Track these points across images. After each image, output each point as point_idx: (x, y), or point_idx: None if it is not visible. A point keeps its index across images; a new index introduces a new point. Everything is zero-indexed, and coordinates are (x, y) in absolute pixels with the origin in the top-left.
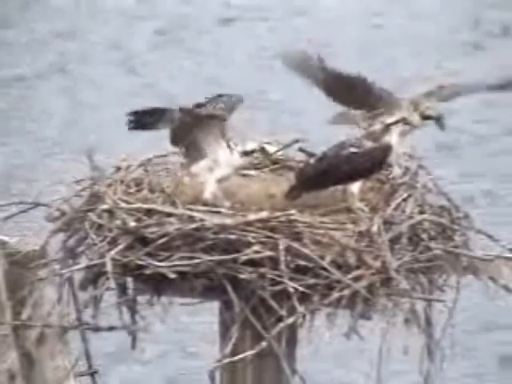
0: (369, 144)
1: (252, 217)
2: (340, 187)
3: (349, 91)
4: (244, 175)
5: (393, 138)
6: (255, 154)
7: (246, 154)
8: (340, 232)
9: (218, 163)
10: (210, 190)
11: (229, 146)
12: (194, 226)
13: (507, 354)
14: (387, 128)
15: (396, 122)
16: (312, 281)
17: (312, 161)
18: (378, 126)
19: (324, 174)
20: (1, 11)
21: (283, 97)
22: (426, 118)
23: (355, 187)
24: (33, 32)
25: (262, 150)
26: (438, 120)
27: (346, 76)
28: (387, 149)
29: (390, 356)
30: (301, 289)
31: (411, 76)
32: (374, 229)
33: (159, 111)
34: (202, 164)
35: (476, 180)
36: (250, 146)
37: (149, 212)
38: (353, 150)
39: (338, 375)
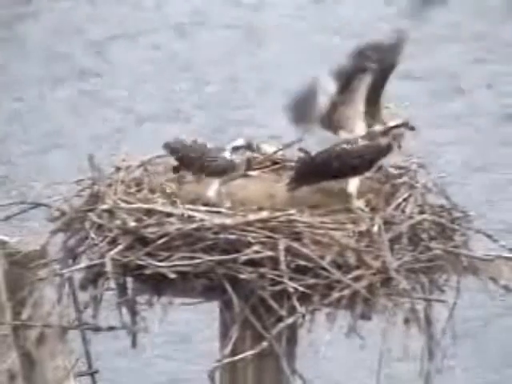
0: (362, 142)
1: (252, 217)
2: (337, 185)
3: None
4: (244, 175)
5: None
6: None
7: (234, 149)
8: (340, 232)
9: None
10: (213, 189)
11: None
12: (194, 225)
13: None
14: (388, 131)
15: (397, 126)
16: (312, 281)
17: (312, 155)
18: (378, 128)
19: (317, 168)
20: None
21: None
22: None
23: (353, 187)
24: None
25: (249, 147)
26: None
27: None
28: (380, 149)
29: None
30: (301, 289)
31: None
32: (374, 229)
33: None
34: None
35: None
36: (238, 141)
37: (149, 212)
38: (344, 146)
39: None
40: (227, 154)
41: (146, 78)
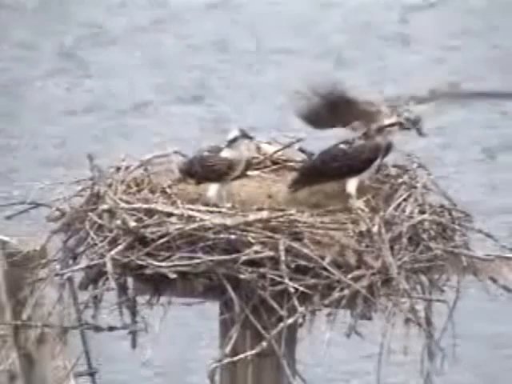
0: (359, 142)
1: (252, 217)
2: (337, 185)
3: (331, 113)
4: (244, 175)
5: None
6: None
7: (231, 142)
8: (340, 232)
9: None
10: (213, 189)
11: None
12: (194, 225)
13: None
14: (381, 130)
15: (391, 125)
16: (312, 281)
17: (314, 156)
18: (373, 127)
19: (318, 169)
20: None
21: None
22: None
23: (352, 187)
24: None
25: (244, 135)
26: (415, 124)
27: (327, 98)
28: (375, 148)
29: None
30: (301, 289)
31: None
32: (375, 229)
33: None
34: None
35: None
36: (232, 133)
37: (149, 212)
38: (342, 146)
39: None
40: (224, 152)
41: None
